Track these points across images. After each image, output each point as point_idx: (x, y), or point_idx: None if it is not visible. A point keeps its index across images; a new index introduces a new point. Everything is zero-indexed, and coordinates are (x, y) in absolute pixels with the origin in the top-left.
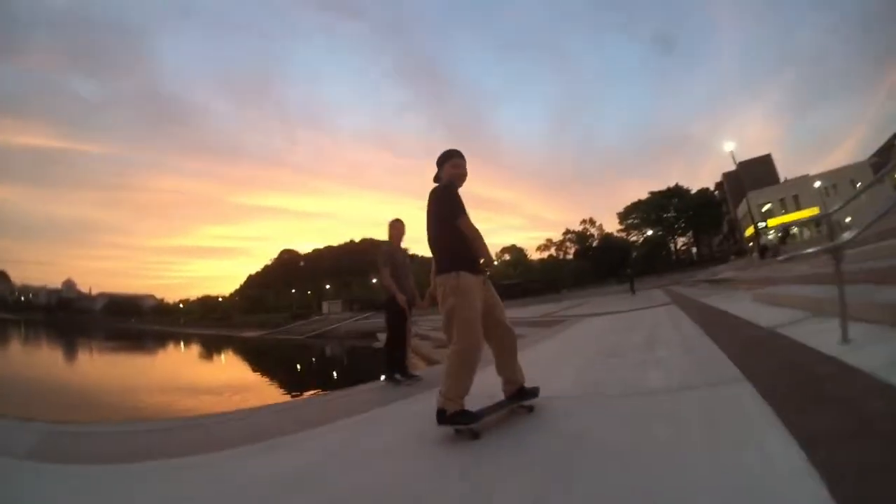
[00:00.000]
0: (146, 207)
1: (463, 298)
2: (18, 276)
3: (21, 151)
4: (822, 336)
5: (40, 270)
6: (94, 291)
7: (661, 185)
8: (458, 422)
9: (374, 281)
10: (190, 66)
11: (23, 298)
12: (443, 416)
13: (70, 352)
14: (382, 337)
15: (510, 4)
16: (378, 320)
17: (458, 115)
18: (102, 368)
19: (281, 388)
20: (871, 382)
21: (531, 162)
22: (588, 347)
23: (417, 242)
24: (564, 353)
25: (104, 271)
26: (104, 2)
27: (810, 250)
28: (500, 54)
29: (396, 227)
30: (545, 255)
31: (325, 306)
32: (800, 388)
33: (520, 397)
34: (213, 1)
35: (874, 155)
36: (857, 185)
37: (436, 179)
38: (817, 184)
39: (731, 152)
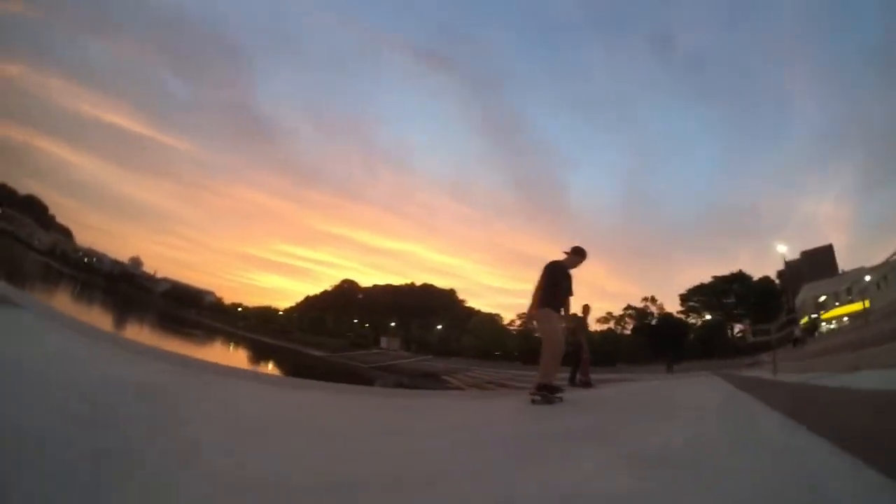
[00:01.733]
0: (222, 210)
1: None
2: (84, 240)
3: (107, 127)
4: (771, 374)
5: (107, 241)
6: (159, 275)
7: (725, 266)
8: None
9: (440, 327)
10: (283, 90)
11: (86, 260)
12: (540, 387)
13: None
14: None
15: (588, 65)
16: (437, 364)
17: (532, 174)
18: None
19: None
20: (777, 383)
21: (597, 230)
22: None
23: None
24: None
25: (168, 259)
26: (207, 12)
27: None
28: (580, 117)
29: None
30: (604, 327)
31: (383, 341)
32: (756, 386)
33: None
34: (316, 35)
35: None
36: None
37: (567, 254)
38: (867, 278)
39: (783, 253)
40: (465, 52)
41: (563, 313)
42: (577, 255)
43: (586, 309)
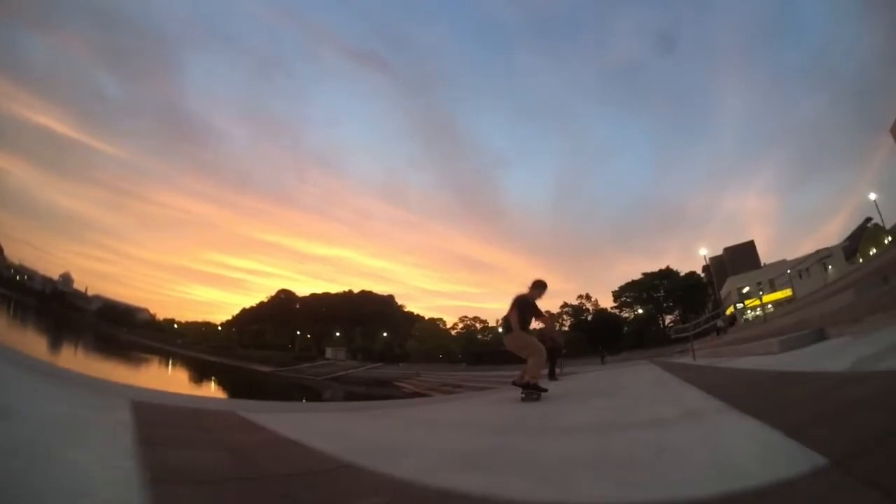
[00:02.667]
0: (150, 219)
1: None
2: (12, 255)
3: (36, 129)
4: (691, 360)
5: (34, 255)
6: (90, 292)
7: (656, 262)
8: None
9: (386, 334)
10: (214, 88)
11: (17, 278)
12: (526, 385)
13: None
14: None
15: (525, 69)
16: (388, 371)
17: (467, 175)
18: None
19: None
20: (697, 366)
21: (533, 229)
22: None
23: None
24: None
25: (97, 273)
26: (143, 5)
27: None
28: (514, 119)
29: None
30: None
31: (328, 351)
32: (680, 370)
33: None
34: (249, 31)
35: (846, 239)
36: (829, 268)
37: (530, 289)
38: (788, 271)
39: (704, 255)
40: (402, 54)
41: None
42: (538, 287)
43: (551, 316)
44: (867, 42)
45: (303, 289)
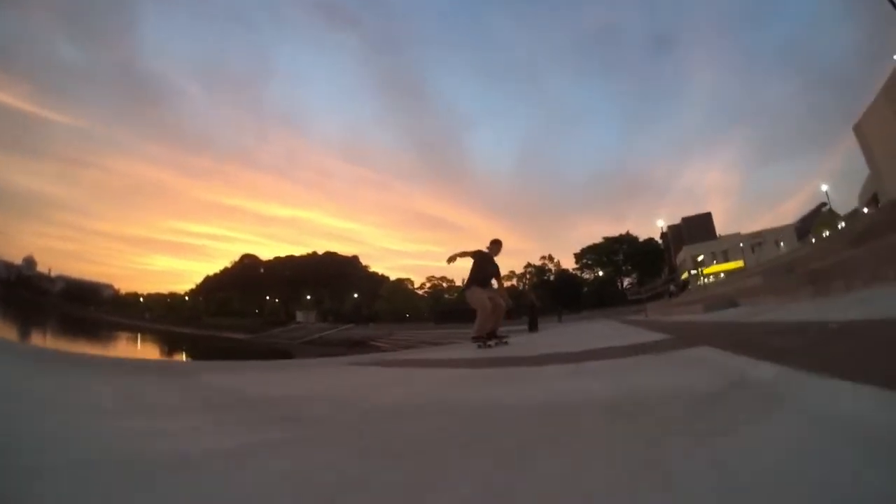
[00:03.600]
0: (104, 189)
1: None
2: None
3: None
4: (644, 317)
5: None
6: (53, 273)
7: (617, 226)
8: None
9: (356, 295)
10: (170, 45)
11: None
12: (475, 338)
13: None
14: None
15: (497, 32)
16: (361, 331)
17: (430, 133)
18: None
19: None
20: (648, 320)
21: (497, 191)
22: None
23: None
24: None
25: (58, 252)
26: None
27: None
28: (483, 81)
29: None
30: (508, 284)
31: (299, 315)
32: (633, 323)
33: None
34: None
35: (799, 220)
36: (781, 245)
37: (489, 246)
38: (741, 244)
39: (662, 227)
40: (372, 10)
41: (495, 286)
42: (495, 244)
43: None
44: (847, 37)
45: (266, 252)
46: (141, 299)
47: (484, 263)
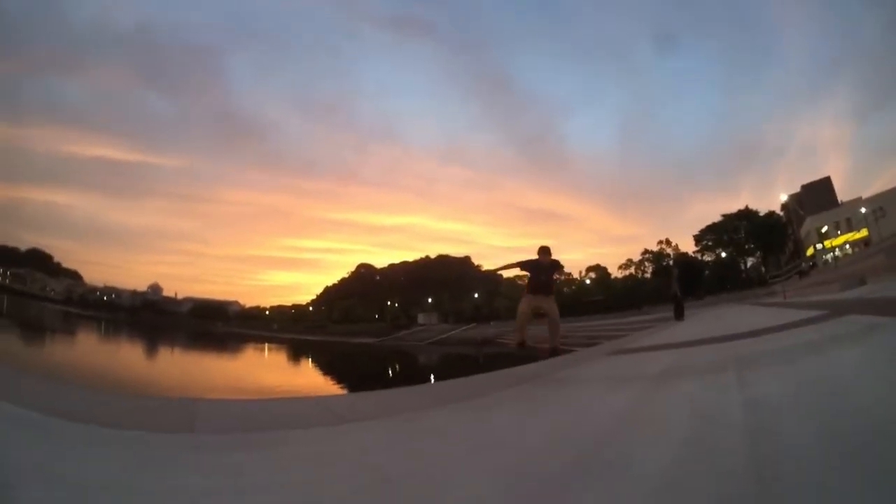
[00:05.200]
0: (218, 218)
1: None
2: (97, 278)
3: (90, 162)
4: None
5: (116, 273)
6: (180, 295)
7: (732, 201)
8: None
9: (477, 296)
10: (259, 85)
11: (105, 298)
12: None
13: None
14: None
15: (575, 13)
16: (484, 330)
17: (527, 126)
18: None
19: None
20: (799, 301)
21: (601, 176)
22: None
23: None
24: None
25: (179, 276)
26: (172, 24)
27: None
28: (570, 64)
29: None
30: (626, 273)
31: (420, 317)
32: (790, 305)
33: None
34: (277, 21)
35: None
36: None
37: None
38: (863, 210)
39: (781, 199)
40: (443, 12)
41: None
42: (544, 251)
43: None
44: None
45: (380, 260)
46: (266, 312)
47: (536, 272)
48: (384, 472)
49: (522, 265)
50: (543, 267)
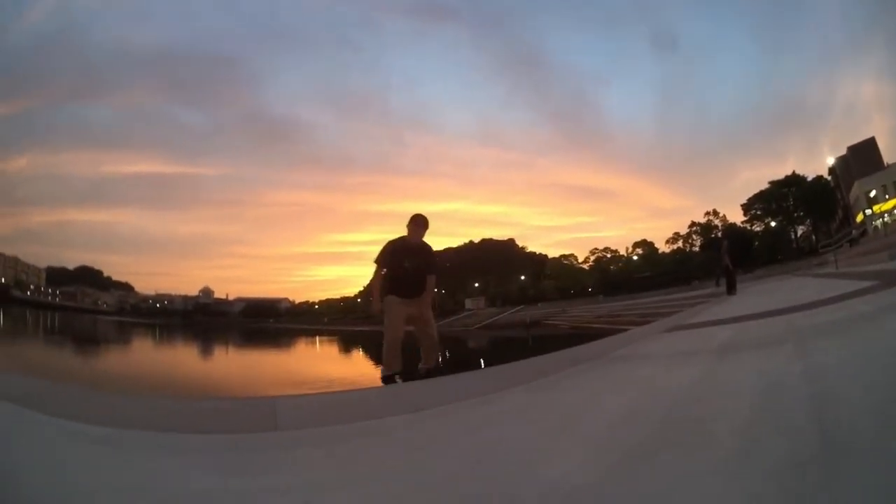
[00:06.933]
0: (264, 220)
1: None
2: (150, 287)
3: (129, 179)
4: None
5: (168, 281)
6: (232, 297)
7: (778, 167)
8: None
9: (523, 278)
10: (289, 87)
11: (158, 305)
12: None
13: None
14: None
15: None
16: (532, 312)
17: (562, 102)
18: None
19: None
20: (833, 273)
21: (642, 148)
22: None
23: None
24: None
25: (230, 279)
26: (193, 37)
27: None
28: (599, 32)
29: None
30: (674, 247)
31: (468, 302)
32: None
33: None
34: (299, 23)
35: None
36: None
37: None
38: None
39: (828, 163)
40: None
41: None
42: (416, 224)
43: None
44: None
45: None
46: (316, 306)
47: (400, 258)
48: (477, 454)
49: (382, 257)
50: (413, 249)
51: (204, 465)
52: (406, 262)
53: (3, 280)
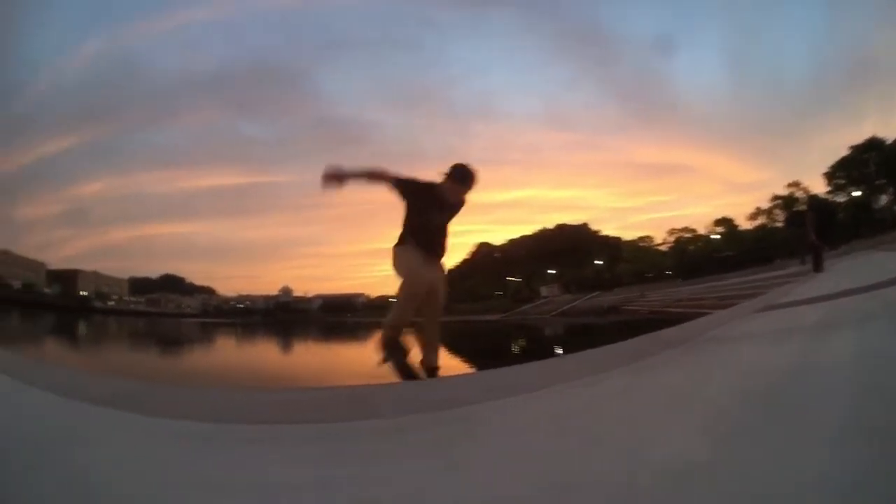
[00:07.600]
0: (338, 219)
1: None
2: (230, 289)
3: (203, 192)
4: None
5: (249, 282)
6: (310, 294)
7: (856, 130)
8: None
9: (601, 262)
10: (351, 91)
11: (240, 306)
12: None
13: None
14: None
15: None
16: (609, 297)
17: (626, 77)
18: None
19: None
20: None
21: (712, 118)
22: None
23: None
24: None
25: (308, 277)
26: (257, 56)
27: None
28: (657, 1)
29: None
30: (756, 223)
31: (543, 290)
32: None
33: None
34: (352, 26)
35: None
36: None
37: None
38: None
39: None
40: None
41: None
42: (460, 176)
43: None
44: None
45: (498, 237)
46: (391, 300)
47: (432, 202)
48: (593, 433)
49: (412, 182)
50: (445, 204)
51: (307, 456)
52: (438, 214)
53: (85, 293)
